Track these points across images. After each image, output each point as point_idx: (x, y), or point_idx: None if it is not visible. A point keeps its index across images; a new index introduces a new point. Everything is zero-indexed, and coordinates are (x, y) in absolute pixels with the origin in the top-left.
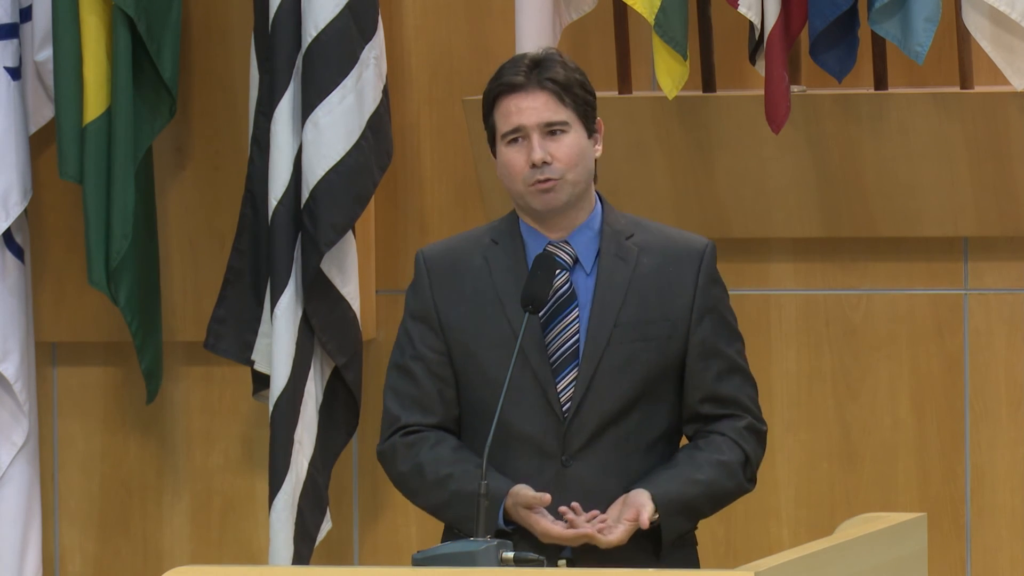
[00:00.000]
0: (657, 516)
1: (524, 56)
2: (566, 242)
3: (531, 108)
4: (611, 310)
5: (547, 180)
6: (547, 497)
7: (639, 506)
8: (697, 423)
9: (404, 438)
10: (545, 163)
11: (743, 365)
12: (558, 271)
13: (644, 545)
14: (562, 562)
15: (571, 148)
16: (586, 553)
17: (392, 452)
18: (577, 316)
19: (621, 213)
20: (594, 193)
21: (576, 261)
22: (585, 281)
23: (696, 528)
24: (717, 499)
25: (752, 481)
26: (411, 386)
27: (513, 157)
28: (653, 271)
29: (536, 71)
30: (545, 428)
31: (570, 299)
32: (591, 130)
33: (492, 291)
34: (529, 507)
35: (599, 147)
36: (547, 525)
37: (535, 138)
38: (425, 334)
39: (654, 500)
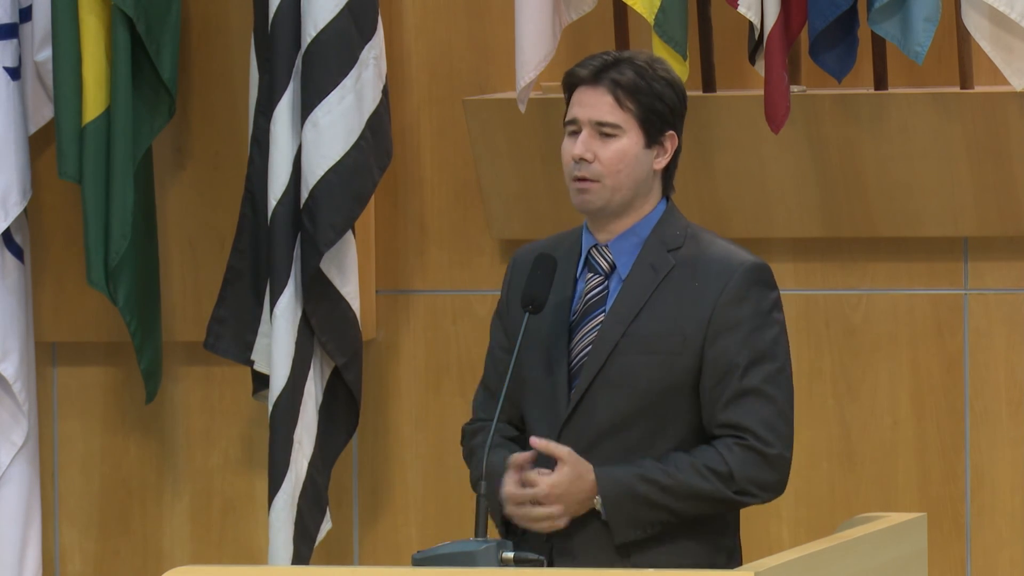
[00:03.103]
0: (598, 498)
1: (608, 52)
2: (606, 246)
3: (589, 104)
4: (624, 319)
5: (584, 179)
6: (521, 457)
7: (572, 462)
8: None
9: (470, 426)
10: (585, 161)
11: (762, 388)
12: (591, 275)
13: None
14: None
15: (616, 153)
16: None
17: (462, 437)
18: (600, 322)
19: (688, 224)
20: (655, 201)
21: (614, 267)
22: (616, 288)
23: (663, 524)
24: (684, 494)
25: (740, 494)
26: (487, 381)
27: (565, 147)
28: (681, 285)
29: (607, 69)
30: (549, 432)
31: (597, 304)
32: (654, 140)
33: None
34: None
35: (662, 160)
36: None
37: (584, 134)
38: (499, 332)
39: (596, 478)
